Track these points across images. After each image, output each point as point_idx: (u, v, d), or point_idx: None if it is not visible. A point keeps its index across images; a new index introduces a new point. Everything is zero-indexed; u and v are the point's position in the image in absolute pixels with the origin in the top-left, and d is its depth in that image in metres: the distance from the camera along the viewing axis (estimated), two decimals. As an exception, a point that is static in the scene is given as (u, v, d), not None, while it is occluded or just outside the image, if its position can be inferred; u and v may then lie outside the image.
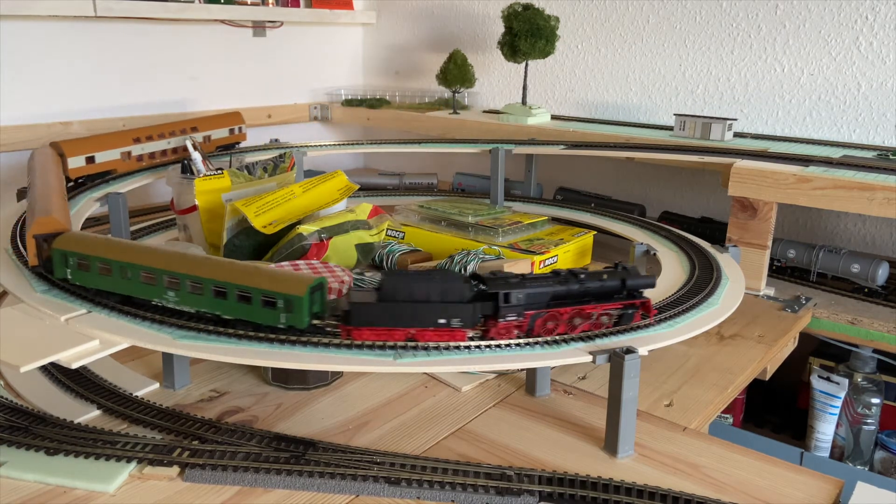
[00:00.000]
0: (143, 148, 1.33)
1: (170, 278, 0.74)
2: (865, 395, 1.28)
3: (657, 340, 0.78)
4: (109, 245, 0.77)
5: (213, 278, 0.72)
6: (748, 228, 1.23)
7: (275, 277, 0.71)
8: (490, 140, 1.60)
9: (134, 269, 0.75)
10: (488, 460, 0.75)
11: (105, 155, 1.26)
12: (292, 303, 0.70)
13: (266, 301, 0.71)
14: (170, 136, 1.38)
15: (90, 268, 0.77)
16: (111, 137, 1.33)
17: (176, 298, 0.75)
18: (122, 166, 1.30)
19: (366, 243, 1.18)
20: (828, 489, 0.72)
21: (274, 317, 0.71)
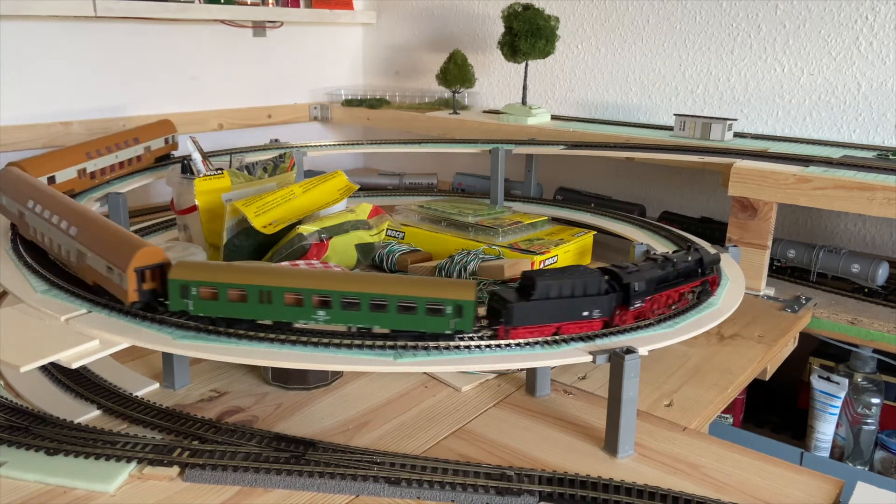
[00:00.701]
0: (95, 164, 1.26)
1: (319, 297, 0.72)
2: (865, 395, 1.28)
3: (657, 340, 0.78)
4: (241, 270, 0.73)
5: (371, 292, 0.72)
6: (748, 228, 1.23)
7: (440, 285, 0.73)
8: (490, 140, 1.60)
9: (278, 293, 0.72)
10: (488, 460, 0.74)
11: (64, 174, 1.20)
12: (462, 308, 0.72)
13: (432, 309, 0.72)
14: (116, 148, 1.32)
15: (219, 296, 0.72)
16: (67, 154, 1.23)
17: (326, 317, 0.73)
18: (78, 185, 1.23)
19: (366, 243, 1.18)
20: (828, 489, 0.72)
21: (442, 324, 0.72)
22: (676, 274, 0.84)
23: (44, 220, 0.88)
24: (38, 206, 0.90)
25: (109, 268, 0.76)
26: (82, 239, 0.81)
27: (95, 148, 1.28)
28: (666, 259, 0.84)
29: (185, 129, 1.80)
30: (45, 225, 0.88)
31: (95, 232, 0.80)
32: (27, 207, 0.93)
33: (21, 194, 0.96)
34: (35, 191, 0.94)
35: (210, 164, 1.23)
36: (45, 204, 0.90)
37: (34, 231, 0.92)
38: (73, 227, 0.83)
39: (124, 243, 0.76)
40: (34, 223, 0.91)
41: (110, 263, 0.75)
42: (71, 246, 0.83)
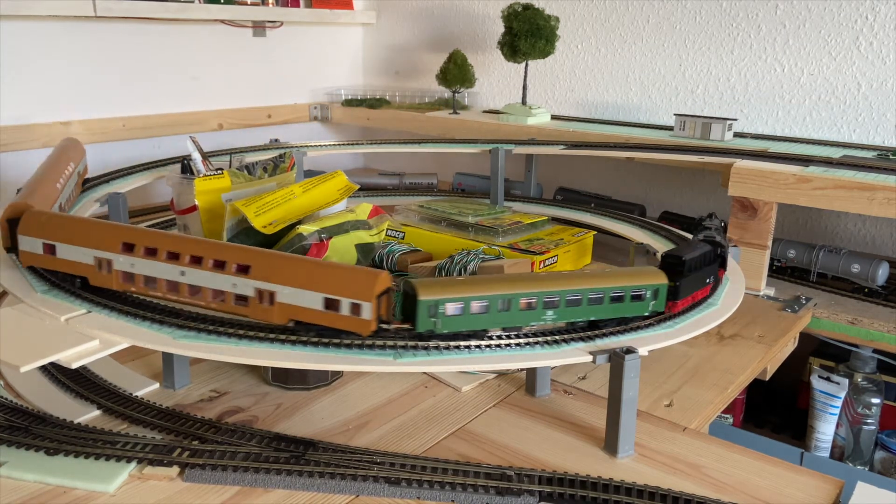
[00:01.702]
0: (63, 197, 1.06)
1: (548, 299, 0.75)
2: (865, 395, 1.28)
3: (657, 340, 0.78)
4: (483, 283, 0.74)
5: (588, 287, 0.76)
6: (748, 228, 1.23)
7: (638, 275, 0.80)
8: (490, 140, 1.59)
9: (515, 299, 0.74)
10: (488, 460, 0.74)
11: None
12: (658, 290, 0.80)
13: (635, 296, 0.79)
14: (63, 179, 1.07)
15: (464, 310, 0.72)
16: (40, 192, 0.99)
17: (554, 316, 0.76)
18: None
19: (366, 243, 1.18)
20: (828, 489, 0.72)
21: (643, 307, 0.80)
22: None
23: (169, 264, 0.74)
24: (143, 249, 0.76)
25: (332, 301, 0.68)
26: (263, 275, 0.71)
27: (54, 181, 1.05)
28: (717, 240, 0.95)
29: (185, 129, 1.80)
30: (173, 270, 0.74)
31: (288, 266, 0.71)
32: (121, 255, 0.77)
33: (98, 240, 0.78)
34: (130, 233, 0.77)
35: (210, 164, 1.23)
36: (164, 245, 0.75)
37: (138, 280, 0.76)
38: (236, 263, 0.72)
39: (352, 272, 0.69)
40: (142, 270, 0.76)
41: (337, 296, 0.68)
42: (242, 286, 0.71)
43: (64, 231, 0.77)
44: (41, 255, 0.78)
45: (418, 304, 0.70)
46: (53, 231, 0.77)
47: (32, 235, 0.78)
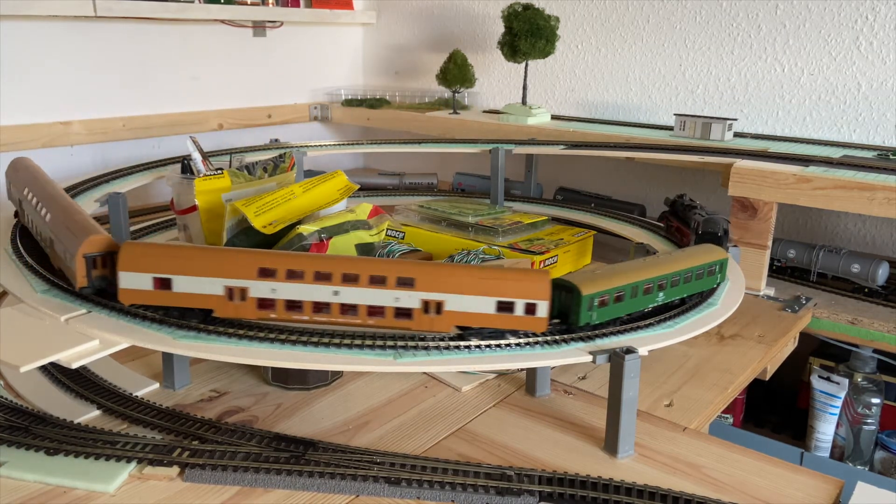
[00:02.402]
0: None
1: (660, 282, 0.82)
2: (865, 395, 1.28)
3: (657, 340, 0.78)
4: (622, 273, 0.79)
5: (685, 269, 0.85)
6: (748, 228, 1.23)
7: (706, 253, 0.89)
8: (490, 140, 1.59)
9: (641, 286, 0.80)
10: (488, 460, 0.74)
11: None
12: (722, 265, 0.91)
13: (710, 272, 0.89)
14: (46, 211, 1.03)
15: (608, 301, 0.77)
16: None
17: (663, 297, 0.84)
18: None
19: (366, 243, 1.18)
20: (828, 489, 0.72)
21: (713, 280, 0.90)
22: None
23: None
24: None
25: (506, 304, 0.72)
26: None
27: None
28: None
29: (185, 129, 1.80)
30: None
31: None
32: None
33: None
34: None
35: (210, 164, 1.23)
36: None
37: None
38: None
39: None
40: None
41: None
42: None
43: (183, 262, 0.72)
44: (151, 290, 0.72)
45: (582, 300, 0.75)
46: (169, 264, 0.72)
47: (139, 270, 0.72)
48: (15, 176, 1.02)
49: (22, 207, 0.97)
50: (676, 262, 0.85)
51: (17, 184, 0.99)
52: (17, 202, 0.99)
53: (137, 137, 1.75)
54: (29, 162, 1.05)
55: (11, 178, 1.04)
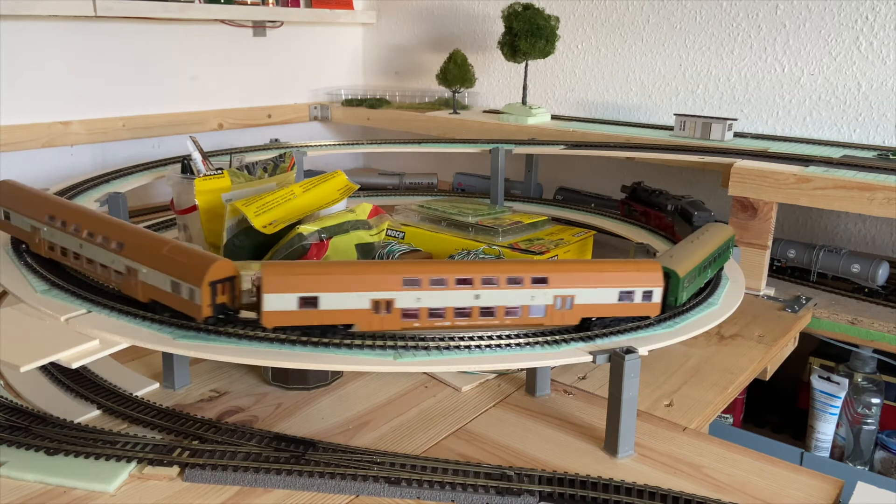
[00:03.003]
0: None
1: (707, 262, 0.89)
2: (865, 395, 1.28)
3: (657, 340, 0.78)
4: (691, 253, 0.87)
5: (717, 247, 0.92)
6: (748, 228, 1.23)
7: (722, 232, 0.97)
8: (490, 140, 1.59)
9: (701, 265, 0.87)
10: (488, 460, 0.74)
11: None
12: (731, 242, 0.99)
13: (726, 249, 0.97)
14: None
15: (692, 281, 0.85)
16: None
17: (710, 273, 0.92)
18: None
19: (366, 243, 1.18)
20: (828, 489, 0.72)
21: (727, 256, 0.98)
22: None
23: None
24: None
25: (627, 293, 0.77)
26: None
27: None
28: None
29: (185, 129, 1.80)
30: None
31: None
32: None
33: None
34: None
35: (210, 164, 1.23)
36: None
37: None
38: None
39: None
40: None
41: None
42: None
43: (328, 280, 0.71)
44: (296, 311, 0.71)
45: (680, 281, 0.80)
46: (314, 282, 0.71)
47: (285, 292, 0.71)
48: (14, 203, 0.92)
49: (39, 237, 0.87)
50: (710, 240, 0.93)
51: (25, 210, 0.90)
52: (27, 229, 0.89)
53: (137, 137, 1.75)
54: (22, 185, 0.96)
55: (6, 204, 0.93)
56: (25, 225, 0.89)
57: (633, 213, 1.42)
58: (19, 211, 0.90)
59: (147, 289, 0.74)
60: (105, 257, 0.78)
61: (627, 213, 1.43)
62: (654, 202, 1.36)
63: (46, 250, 0.86)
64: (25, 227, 0.89)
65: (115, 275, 0.77)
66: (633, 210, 1.42)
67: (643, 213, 1.39)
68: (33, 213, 0.88)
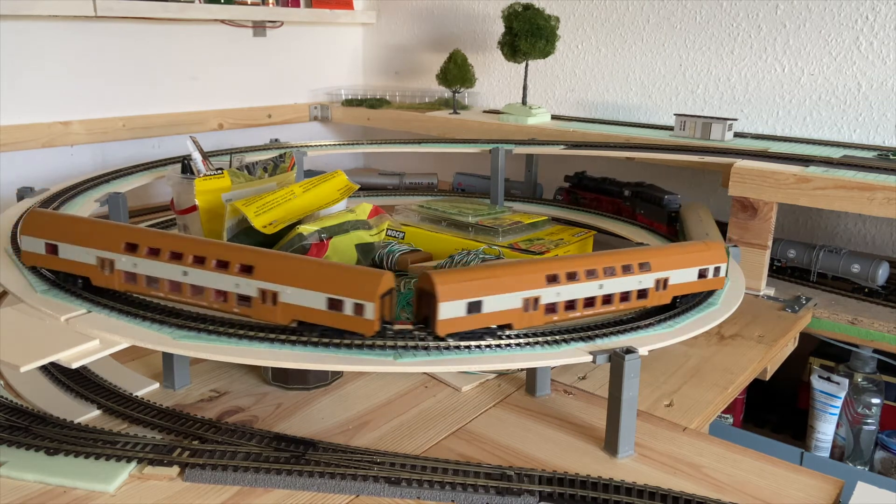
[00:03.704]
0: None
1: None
2: (866, 395, 1.28)
3: (657, 340, 0.78)
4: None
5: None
6: (748, 228, 1.23)
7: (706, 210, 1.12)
8: (490, 140, 1.60)
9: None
10: (488, 460, 0.74)
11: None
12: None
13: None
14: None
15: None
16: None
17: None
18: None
19: (366, 243, 1.18)
20: (828, 489, 0.72)
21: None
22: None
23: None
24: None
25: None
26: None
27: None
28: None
29: (185, 129, 1.80)
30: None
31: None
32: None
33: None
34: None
35: (210, 164, 1.23)
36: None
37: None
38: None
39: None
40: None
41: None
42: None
43: (491, 283, 0.73)
44: (465, 316, 0.72)
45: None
46: (481, 287, 0.72)
47: (458, 298, 0.71)
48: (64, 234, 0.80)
49: (112, 268, 0.77)
50: (710, 219, 1.13)
51: (85, 241, 0.79)
52: (90, 262, 0.78)
53: (137, 137, 1.75)
54: (66, 214, 0.86)
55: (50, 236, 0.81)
56: (87, 257, 0.77)
57: (580, 201, 1.54)
58: (75, 242, 0.78)
59: (291, 310, 0.71)
60: (224, 283, 0.72)
61: (573, 200, 1.55)
62: (603, 189, 1.48)
63: (122, 283, 0.77)
64: (87, 260, 0.77)
65: (238, 300, 0.72)
66: (580, 198, 1.53)
67: (594, 199, 1.50)
68: (100, 243, 0.77)
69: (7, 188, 1.53)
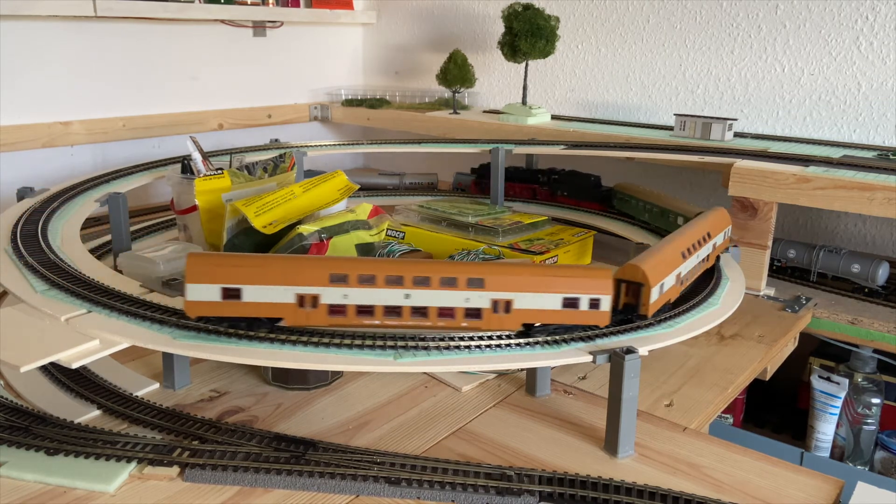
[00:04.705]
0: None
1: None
2: (866, 395, 1.28)
3: (657, 340, 0.78)
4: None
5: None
6: (748, 228, 1.23)
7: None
8: (490, 140, 1.60)
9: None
10: (488, 460, 0.74)
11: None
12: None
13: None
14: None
15: None
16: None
17: None
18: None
19: (366, 243, 1.18)
20: (828, 489, 0.72)
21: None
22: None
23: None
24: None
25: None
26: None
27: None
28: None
29: (185, 129, 1.80)
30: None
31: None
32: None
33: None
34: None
35: (210, 164, 1.23)
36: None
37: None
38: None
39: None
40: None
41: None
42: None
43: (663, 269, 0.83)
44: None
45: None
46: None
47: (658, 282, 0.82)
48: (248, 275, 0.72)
49: (315, 303, 0.72)
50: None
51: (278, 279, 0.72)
52: (286, 301, 0.72)
53: (137, 137, 1.75)
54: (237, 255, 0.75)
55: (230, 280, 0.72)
56: (283, 296, 0.72)
57: (482, 188, 1.65)
58: (267, 282, 0.72)
59: (524, 315, 0.75)
60: (453, 299, 0.73)
61: (480, 190, 1.66)
62: (515, 177, 1.61)
63: (326, 317, 0.72)
64: (283, 299, 0.72)
65: (466, 314, 0.74)
66: (488, 187, 1.59)
67: (507, 187, 1.58)
68: (300, 279, 0.72)
69: (7, 188, 1.53)
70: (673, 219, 1.27)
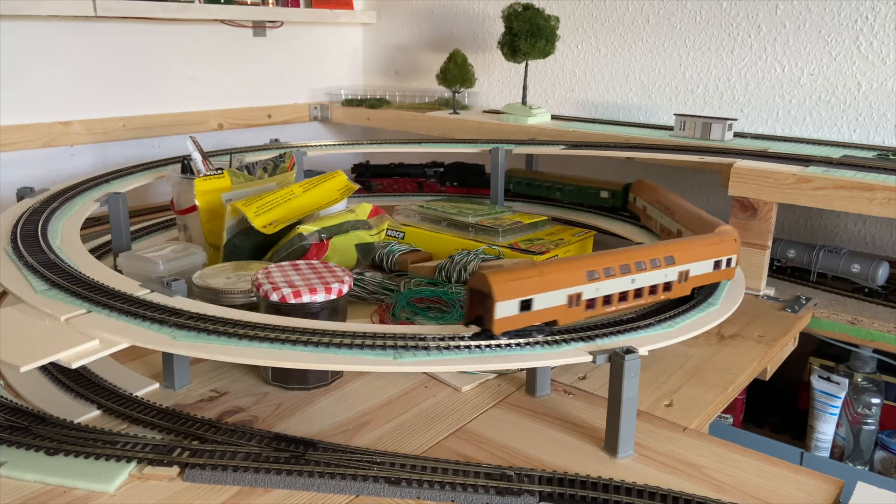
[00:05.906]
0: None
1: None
2: (865, 395, 1.28)
3: (657, 340, 0.78)
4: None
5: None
6: (748, 228, 1.23)
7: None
8: (490, 140, 1.60)
9: None
10: (488, 460, 0.74)
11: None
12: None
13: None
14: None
15: None
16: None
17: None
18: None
19: (366, 243, 1.18)
20: (828, 489, 0.72)
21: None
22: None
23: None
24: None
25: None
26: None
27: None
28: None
29: (185, 129, 1.80)
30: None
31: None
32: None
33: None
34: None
35: (210, 164, 1.23)
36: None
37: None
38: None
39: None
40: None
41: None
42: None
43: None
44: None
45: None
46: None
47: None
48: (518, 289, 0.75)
49: (577, 301, 0.79)
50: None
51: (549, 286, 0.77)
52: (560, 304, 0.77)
53: (137, 137, 1.75)
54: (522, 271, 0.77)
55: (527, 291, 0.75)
56: (559, 300, 0.77)
57: (374, 187, 1.71)
58: (548, 289, 0.76)
59: (694, 281, 0.89)
60: (659, 277, 0.85)
61: (367, 188, 1.71)
62: (399, 172, 1.69)
63: (584, 311, 0.79)
64: (558, 303, 0.77)
65: (664, 289, 0.86)
66: (372, 185, 1.71)
67: (391, 183, 1.69)
68: (569, 281, 0.77)
69: (7, 188, 1.53)
70: (595, 192, 1.28)
